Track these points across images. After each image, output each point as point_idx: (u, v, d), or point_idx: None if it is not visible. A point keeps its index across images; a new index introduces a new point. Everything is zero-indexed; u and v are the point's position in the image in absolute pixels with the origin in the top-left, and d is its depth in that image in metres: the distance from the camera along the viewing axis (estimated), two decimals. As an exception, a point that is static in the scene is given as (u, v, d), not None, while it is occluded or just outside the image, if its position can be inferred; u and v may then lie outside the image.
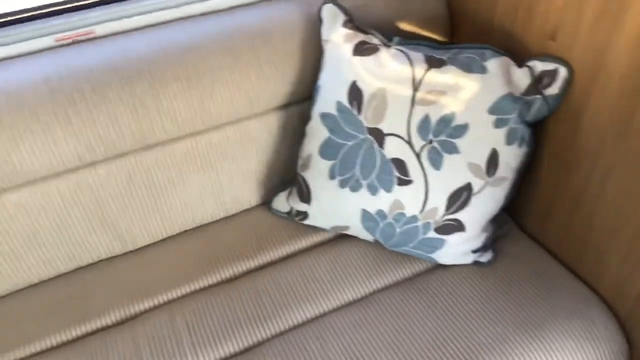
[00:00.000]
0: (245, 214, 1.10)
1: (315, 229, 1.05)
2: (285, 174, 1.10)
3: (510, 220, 1.07)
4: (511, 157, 0.88)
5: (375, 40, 0.92)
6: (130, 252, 1.04)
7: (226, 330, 0.90)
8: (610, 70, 0.77)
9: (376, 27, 1.01)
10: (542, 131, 0.93)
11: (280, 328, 0.91)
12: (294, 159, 1.06)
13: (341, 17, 0.94)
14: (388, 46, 0.92)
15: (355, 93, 0.89)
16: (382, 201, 0.92)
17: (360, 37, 0.92)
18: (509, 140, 0.87)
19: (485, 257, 0.97)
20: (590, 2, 0.76)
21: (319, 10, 0.96)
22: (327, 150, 0.94)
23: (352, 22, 0.94)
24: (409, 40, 0.94)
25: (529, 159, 0.92)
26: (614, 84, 0.77)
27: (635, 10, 0.70)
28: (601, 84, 0.79)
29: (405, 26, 1.03)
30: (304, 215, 1.02)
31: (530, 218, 1.03)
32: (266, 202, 1.11)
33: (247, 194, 1.08)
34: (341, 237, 1.05)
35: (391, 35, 0.96)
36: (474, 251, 0.96)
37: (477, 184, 0.88)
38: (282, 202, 1.05)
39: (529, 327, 0.87)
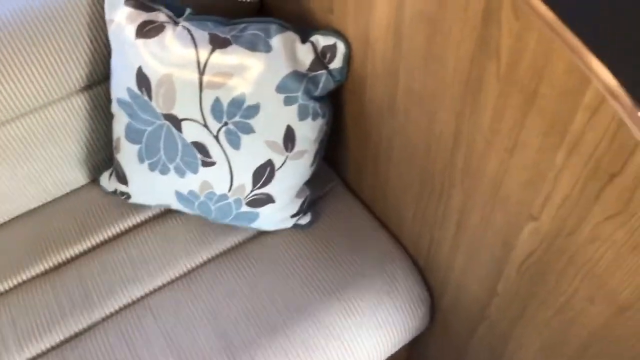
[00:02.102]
0: (75, 195, 1.09)
1: (143, 206, 1.06)
2: (110, 151, 1.08)
3: (337, 177, 1.11)
4: (307, 131, 0.90)
5: (162, 17, 0.88)
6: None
7: (51, 321, 0.92)
8: (374, 50, 0.77)
9: (171, -3, 0.96)
10: (342, 99, 0.95)
11: (103, 314, 0.94)
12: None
13: (124, -7, 0.89)
14: (176, 23, 0.88)
15: (142, 79, 0.87)
16: (191, 182, 0.93)
17: (145, 15, 0.87)
18: (302, 116, 0.88)
19: (304, 220, 1.02)
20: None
21: (101, -14, 0.90)
22: (131, 134, 0.92)
23: (137, -2, 0.89)
24: (200, 14, 0.90)
25: (329, 127, 0.94)
26: (378, 63, 0.78)
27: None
28: (371, 61, 0.80)
29: (206, -9, 0.98)
30: (127, 195, 1.02)
31: (350, 175, 1.08)
32: (96, 180, 1.10)
33: (72, 176, 1.06)
34: (169, 212, 1.06)
35: (183, 7, 0.91)
36: (293, 215, 1.00)
37: (277, 159, 0.90)
38: (107, 182, 1.04)
39: (335, 288, 0.94)
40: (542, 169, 0.57)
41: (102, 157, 1.08)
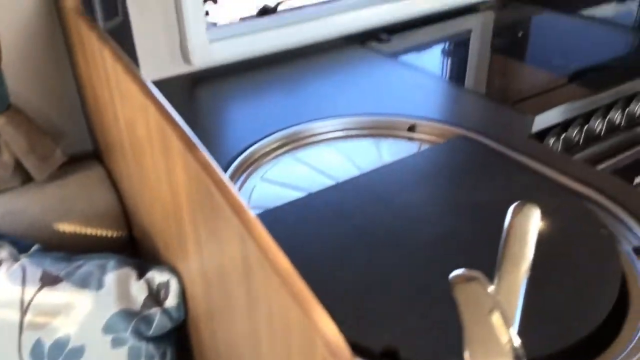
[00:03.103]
0: None
1: None
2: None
3: None
4: (140, 376, 0.82)
5: (2, 254, 0.86)
6: None
7: None
8: (198, 292, 0.75)
9: (30, 234, 0.96)
10: (188, 338, 0.89)
11: None
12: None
13: (-33, 231, 0.88)
14: (16, 260, 0.86)
15: (-39, 320, 0.81)
16: None
17: (-17, 253, 0.86)
18: (133, 359, 0.81)
19: None
20: (172, 229, 0.75)
21: (-53, 223, 0.90)
22: (-52, 380, 0.83)
23: (-19, 235, 0.89)
24: (57, 250, 0.89)
25: (171, 370, 0.86)
26: (203, 306, 0.74)
27: (191, 251, 0.70)
28: (199, 303, 0.76)
29: (68, 228, 0.99)
30: None
31: None
32: None
33: None
34: None
35: (31, 244, 0.91)
36: None
37: (103, 409, 0.80)
38: None
39: None
40: None
41: None
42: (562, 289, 0.66)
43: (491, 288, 0.43)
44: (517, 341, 0.42)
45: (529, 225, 0.51)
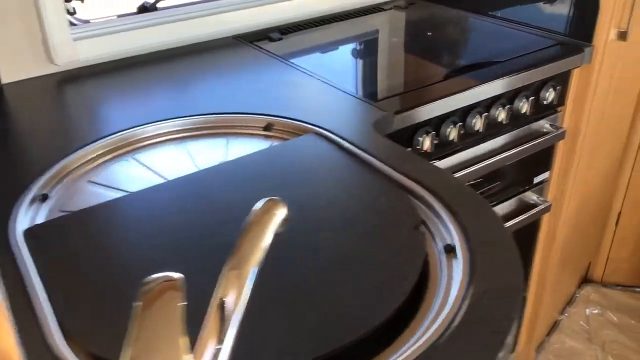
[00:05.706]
0: None
1: None
2: None
3: None
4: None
5: None
6: None
7: None
8: None
9: None
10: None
11: None
12: None
13: None
14: None
15: None
16: None
17: None
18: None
19: None
20: None
21: None
22: None
23: None
24: None
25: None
26: None
27: None
28: None
29: None
30: None
31: None
32: None
33: None
34: None
35: None
36: None
37: None
38: None
39: None
40: None
41: None
42: (359, 282, 0.65)
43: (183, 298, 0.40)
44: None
45: (269, 222, 0.49)
